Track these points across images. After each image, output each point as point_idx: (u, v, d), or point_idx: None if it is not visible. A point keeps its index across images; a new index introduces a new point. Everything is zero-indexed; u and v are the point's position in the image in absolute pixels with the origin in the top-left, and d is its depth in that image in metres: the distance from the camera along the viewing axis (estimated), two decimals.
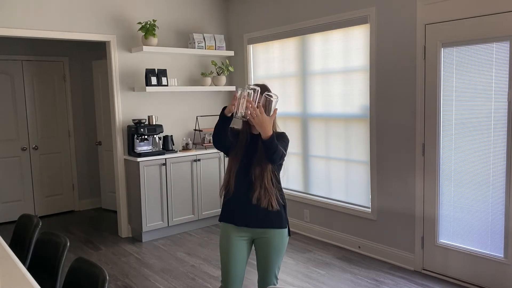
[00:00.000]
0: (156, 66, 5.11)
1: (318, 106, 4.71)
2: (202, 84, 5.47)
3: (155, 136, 4.93)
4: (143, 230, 4.83)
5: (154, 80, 4.90)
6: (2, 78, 5.65)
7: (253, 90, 2.20)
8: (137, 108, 5.04)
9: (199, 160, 5.17)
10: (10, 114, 5.73)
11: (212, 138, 2.44)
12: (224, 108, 2.29)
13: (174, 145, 5.15)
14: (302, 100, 4.88)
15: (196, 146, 5.39)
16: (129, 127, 4.91)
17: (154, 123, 4.93)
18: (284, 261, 4.09)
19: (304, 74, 4.84)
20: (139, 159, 4.71)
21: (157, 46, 4.93)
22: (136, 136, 4.83)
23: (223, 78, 5.50)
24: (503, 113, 3.22)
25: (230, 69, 5.51)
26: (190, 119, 5.49)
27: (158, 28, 4.98)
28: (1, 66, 5.64)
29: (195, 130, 5.47)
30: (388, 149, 4.04)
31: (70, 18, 4.55)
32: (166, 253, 4.51)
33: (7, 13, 4.19)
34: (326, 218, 4.69)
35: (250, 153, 2.38)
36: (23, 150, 5.84)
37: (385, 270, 3.92)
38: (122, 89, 4.93)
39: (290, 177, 5.10)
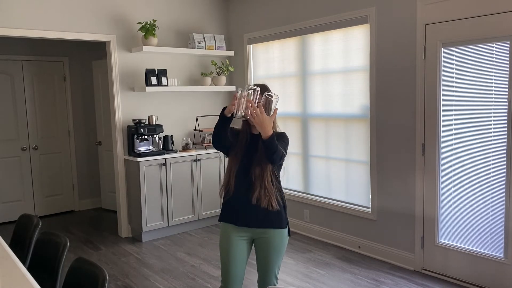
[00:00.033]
0: (156, 66, 5.11)
1: (318, 106, 4.71)
2: (202, 84, 5.47)
3: (155, 136, 4.93)
4: (143, 230, 4.83)
5: (154, 80, 4.90)
6: (2, 78, 5.65)
7: (253, 90, 2.20)
8: (137, 108, 5.05)
9: (199, 160, 5.17)
10: (10, 114, 5.72)
11: (211, 138, 2.43)
12: (224, 108, 2.29)
13: (174, 145, 5.15)
14: (302, 100, 4.88)
15: (196, 146, 5.39)
16: (129, 127, 4.91)
17: (154, 123, 4.93)
18: (284, 261, 4.09)
19: (304, 74, 4.84)
20: (139, 159, 4.71)
21: (157, 46, 4.93)
22: (136, 136, 4.83)
23: (223, 78, 5.49)
24: (503, 113, 3.22)
25: (230, 69, 5.51)
26: (190, 119, 5.49)
27: (158, 28, 4.98)
28: (1, 66, 5.64)
29: (195, 130, 5.47)
30: (388, 149, 4.04)
31: (70, 18, 4.56)
32: (166, 253, 4.50)
33: (7, 13, 4.19)
34: (326, 218, 4.69)
35: (250, 153, 2.38)
36: (23, 150, 5.84)
37: (385, 270, 3.92)
38: (122, 89, 4.93)
39: (290, 177, 5.10)
